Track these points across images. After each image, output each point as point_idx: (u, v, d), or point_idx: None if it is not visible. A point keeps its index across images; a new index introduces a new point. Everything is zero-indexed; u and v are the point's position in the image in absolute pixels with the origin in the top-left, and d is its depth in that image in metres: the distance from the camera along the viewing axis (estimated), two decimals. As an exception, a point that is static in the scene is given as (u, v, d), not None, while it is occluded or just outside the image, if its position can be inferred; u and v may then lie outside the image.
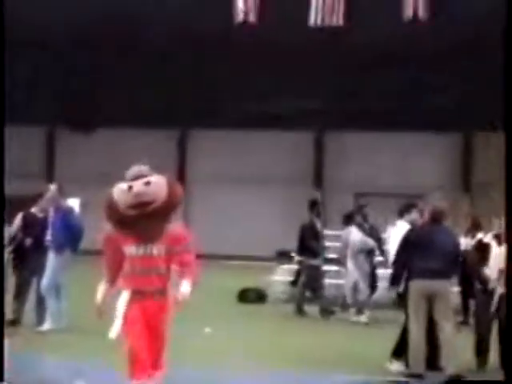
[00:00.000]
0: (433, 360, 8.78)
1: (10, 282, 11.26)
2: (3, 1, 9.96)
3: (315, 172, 31.99)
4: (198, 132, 31.98)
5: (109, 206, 6.07)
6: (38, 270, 10.98)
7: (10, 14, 11.57)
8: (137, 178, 6.09)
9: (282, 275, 17.27)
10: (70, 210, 11.38)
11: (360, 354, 9.84)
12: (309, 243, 14.24)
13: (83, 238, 11.23)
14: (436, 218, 8.65)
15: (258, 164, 31.19)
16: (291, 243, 20.97)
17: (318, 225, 14.66)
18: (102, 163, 31.50)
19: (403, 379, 8.44)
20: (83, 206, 16.26)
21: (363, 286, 13.34)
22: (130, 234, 6.05)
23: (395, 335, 8.95)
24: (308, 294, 14.50)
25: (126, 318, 6.04)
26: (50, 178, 29.99)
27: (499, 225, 9.21)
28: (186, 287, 6.01)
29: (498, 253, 9.00)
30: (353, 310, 13.51)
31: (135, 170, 6.21)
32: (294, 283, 15.56)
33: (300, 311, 14.20)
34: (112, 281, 6.22)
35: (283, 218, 30.01)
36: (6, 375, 6.39)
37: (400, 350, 8.77)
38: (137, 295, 6.03)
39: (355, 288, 13.39)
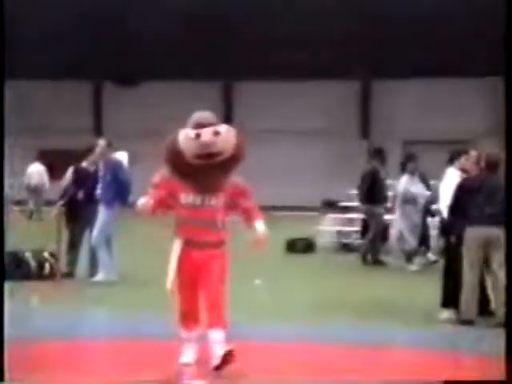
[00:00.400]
0: (484, 306, 8.78)
1: (64, 235, 11.47)
2: (3, 1, 9.99)
3: (362, 122, 31.77)
4: (242, 84, 31.87)
5: (172, 152, 5.73)
6: (90, 224, 11.14)
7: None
8: (204, 125, 5.73)
9: (328, 225, 17.29)
10: (119, 164, 11.46)
11: (409, 303, 9.84)
12: (373, 191, 13.91)
13: (132, 191, 11.36)
14: (491, 166, 8.58)
15: (301, 115, 31.05)
16: (337, 193, 21.07)
17: (382, 173, 14.35)
18: (147, 117, 31.68)
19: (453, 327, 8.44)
20: (131, 159, 16.32)
21: (409, 236, 13.23)
22: (189, 183, 5.79)
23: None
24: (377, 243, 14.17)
25: (177, 268, 5.90)
26: (98, 133, 30.30)
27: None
28: (261, 226, 5.90)
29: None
30: (402, 259, 13.48)
31: (202, 116, 5.85)
32: (362, 234, 15.29)
33: (364, 260, 13.97)
34: (153, 210, 5.90)
35: (328, 168, 29.97)
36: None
37: (447, 299, 8.75)
38: (190, 245, 5.86)
39: (401, 238, 13.29)
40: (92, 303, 9.66)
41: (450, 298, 8.71)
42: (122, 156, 14.17)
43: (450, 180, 9.17)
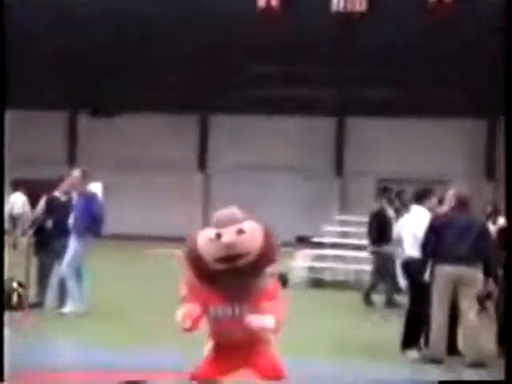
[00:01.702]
0: (452, 345, 8.80)
1: (33, 265, 11.38)
2: (3, 1, 10.03)
3: (336, 159, 31.93)
4: (219, 117, 32.00)
5: (191, 256, 5.10)
6: (60, 254, 11.06)
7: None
8: (226, 224, 5.09)
9: (301, 260, 17.32)
10: (92, 196, 11.43)
11: (375, 341, 9.83)
12: (380, 231, 13.56)
13: (104, 223, 11.34)
14: (461, 204, 8.65)
15: (276, 150, 31.17)
16: (310, 229, 21.12)
17: (389, 212, 14.10)
18: (122, 149, 31.69)
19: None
20: (105, 191, 16.31)
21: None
22: (216, 291, 5.13)
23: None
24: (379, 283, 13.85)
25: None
26: (72, 163, 30.21)
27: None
28: (269, 319, 5.06)
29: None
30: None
31: (224, 213, 5.23)
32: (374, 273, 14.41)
33: (367, 300, 13.63)
34: (191, 328, 5.20)
35: (302, 204, 30.05)
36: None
37: (409, 340, 8.78)
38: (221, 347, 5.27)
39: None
40: (60, 334, 9.57)
41: (415, 339, 8.74)
42: (95, 187, 14.13)
43: (415, 218, 9.19)
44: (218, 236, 5.03)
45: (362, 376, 7.80)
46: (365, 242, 15.49)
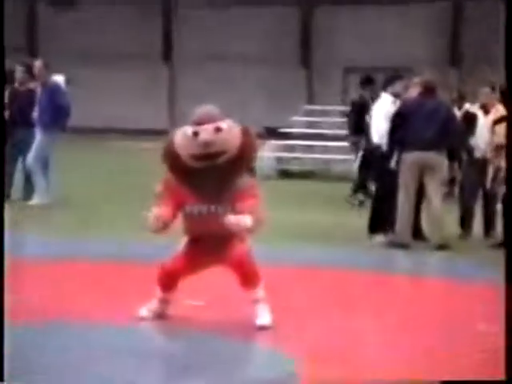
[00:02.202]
0: (418, 230, 8.96)
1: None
2: (3, 1, 9.77)
3: (302, 50, 31.60)
4: (184, 10, 31.35)
5: (168, 154, 5.13)
6: (25, 146, 10.95)
7: None
8: (204, 122, 5.10)
9: (269, 151, 17.34)
10: (57, 87, 11.25)
11: (343, 228, 9.95)
12: (362, 122, 13.13)
13: (69, 115, 11.22)
14: (428, 90, 8.62)
15: (242, 41, 30.73)
16: (278, 120, 21.07)
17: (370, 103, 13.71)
18: (85, 40, 31.03)
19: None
20: (68, 83, 16.02)
21: None
22: (191, 189, 5.16)
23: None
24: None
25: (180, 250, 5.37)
26: (33, 55, 29.55)
27: (486, 95, 9.22)
28: (244, 217, 5.08)
29: (484, 123, 9.06)
30: None
31: (203, 111, 5.22)
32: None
33: (353, 197, 12.74)
34: (164, 227, 5.28)
35: (270, 95, 29.87)
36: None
37: (375, 225, 8.90)
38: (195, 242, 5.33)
39: None
40: (26, 225, 9.60)
41: (381, 225, 8.86)
42: (58, 79, 13.93)
43: (382, 105, 9.15)
44: (196, 134, 5.04)
45: (328, 261, 7.92)
46: (331, 131, 15.39)
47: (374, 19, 29.85)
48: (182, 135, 5.12)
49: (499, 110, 8.88)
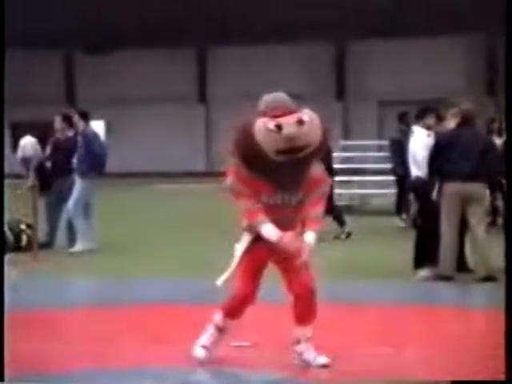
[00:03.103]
0: (462, 262, 8.87)
1: (42, 206, 11.46)
2: (3, 1, 9.93)
3: (336, 84, 31.69)
4: (217, 49, 31.65)
5: (248, 147, 4.86)
6: (66, 193, 11.12)
7: None
8: (284, 113, 4.89)
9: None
10: (94, 136, 11.47)
11: (389, 261, 9.90)
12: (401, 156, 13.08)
13: (105, 160, 11.44)
14: (465, 119, 8.58)
15: (278, 79, 30.91)
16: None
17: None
18: (122, 84, 31.45)
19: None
20: (108, 127, 16.30)
21: None
22: (269, 181, 4.97)
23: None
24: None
25: (241, 263, 5.14)
26: (71, 103, 30.04)
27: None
28: (310, 237, 5.03)
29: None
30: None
31: (278, 99, 5.06)
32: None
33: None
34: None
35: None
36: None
37: (421, 260, 8.81)
38: (260, 243, 5.09)
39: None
40: (71, 272, 9.66)
41: (425, 258, 8.77)
42: (97, 125, 14.19)
43: (418, 139, 9.13)
44: (279, 127, 4.81)
45: (374, 297, 7.87)
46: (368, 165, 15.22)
47: (406, 51, 29.89)
48: (262, 128, 4.84)
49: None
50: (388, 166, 15.20)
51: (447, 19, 27.77)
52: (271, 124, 4.83)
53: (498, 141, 10.40)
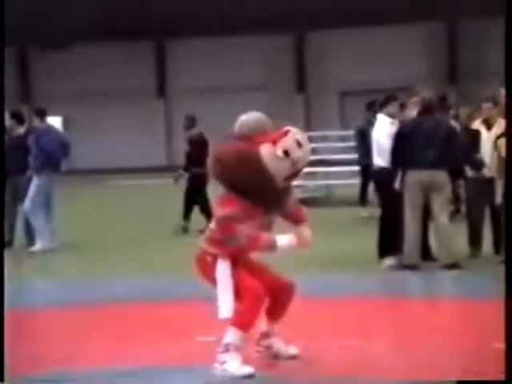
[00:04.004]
0: (426, 251, 8.92)
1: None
2: (3, 1, 9.84)
3: (296, 75, 31.71)
4: (175, 42, 31.50)
5: (259, 175, 4.88)
6: (22, 192, 10.98)
7: None
8: (279, 136, 4.95)
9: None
10: (45, 131, 11.20)
11: (353, 251, 9.92)
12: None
13: (67, 156, 11.29)
14: (427, 108, 8.61)
15: (236, 71, 30.86)
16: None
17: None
18: (78, 80, 31.18)
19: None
20: (65, 124, 16.14)
21: None
22: (265, 204, 5.01)
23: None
24: None
25: (237, 281, 5.09)
26: (26, 100, 29.70)
27: (488, 110, 9.19)
28: (307, 230, 5.19)
29: (487, 138, 9.02)
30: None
31: (257, 122, 5.15)
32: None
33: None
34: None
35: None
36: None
37: (384, 249, 8.84)
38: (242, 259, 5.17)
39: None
40: (31, 272, 9.56)
41: (389, 247, 8.81)
42: (54, 121, 14.00)
43: (381, 127, 9.12)
44: (286, 154, 4.86)
45: (339, 287, 7.89)
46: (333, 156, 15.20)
47: (365, 40, 29.97)
48: (270, 156, 4.88)
49: (502, 125, 8.82)
50: (352, 156, 15.27)
51: (408, 8, 27.90)
52: (279, 151, 4.88)
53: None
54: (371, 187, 12.07)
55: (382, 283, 8.22)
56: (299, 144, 4.90)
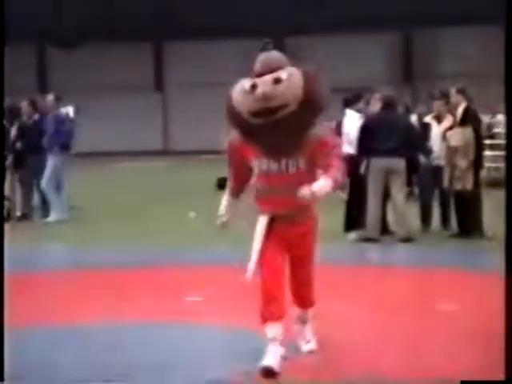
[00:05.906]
0: (385, 226, 8.97)
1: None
2: (3, 1, 9.65)
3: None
4: (171, 43, 31.35)
5: (227, 111, 3.99)
6: (38, 170, 10.94)
7: None
8: (264, 72, 3.92)
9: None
10: (64, 117, 11.38)
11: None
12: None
13: (74, 139, 11.29)
14: (388, 104, 8.68)
15: (226, 70, 30.72)
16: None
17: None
18: (89, 74, 31.03)
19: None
20: (77, 112, 16.10)
21: None
22: (258, 146, 4.03)
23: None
24: None
25: (262, 249, 4.14)
26: (43, 91, 29.40)
27: (439, 107, 9.27)
28: (319, 183, 3.96)
29: (437, 131, 9.16)
30: None
31: (265, 59, 3.99)
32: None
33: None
34: (236, 193, 4.32)
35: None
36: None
37: (350, 224, 8.90)
38: (274, 221, 4.15)
39: None
40: (48, 240, 9.51)
41: (353, 223, 8.88)
42: (68, 109, 14.16)
43: (352, 120, 9.19)
44: (253, 87, 3.88)
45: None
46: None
47: (335, 47, 29.94)
48: (239, 89, 3.96)
49: (450, 120, 8.96)
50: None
51: (371, 20, 27.92)
52: (247, 84, 3.94)
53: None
54: None
55: (347, 253, 8.24)
56: (277, 80, 3.86)
